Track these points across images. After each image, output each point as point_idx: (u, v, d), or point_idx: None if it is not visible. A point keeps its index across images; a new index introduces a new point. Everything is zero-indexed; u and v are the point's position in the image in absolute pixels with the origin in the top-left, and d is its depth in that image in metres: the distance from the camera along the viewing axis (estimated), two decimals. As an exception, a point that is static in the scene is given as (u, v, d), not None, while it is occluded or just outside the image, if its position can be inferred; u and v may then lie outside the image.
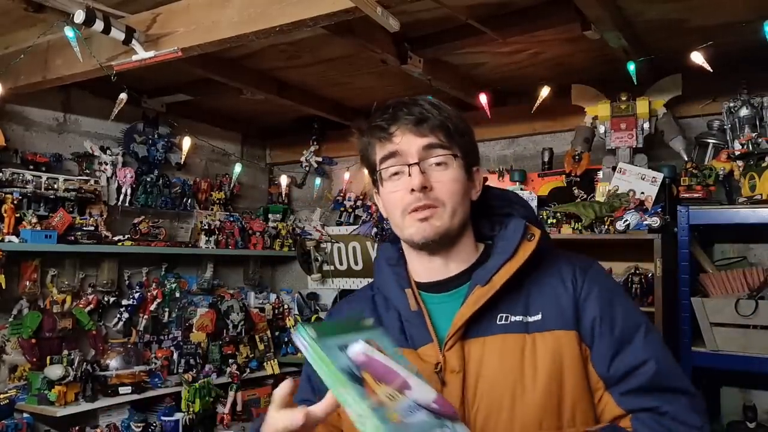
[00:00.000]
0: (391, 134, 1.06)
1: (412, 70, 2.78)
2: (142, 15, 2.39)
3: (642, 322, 1.03)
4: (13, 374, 3.05)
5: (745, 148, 2.50)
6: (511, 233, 1.07)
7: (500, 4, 2.37)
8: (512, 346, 0.99)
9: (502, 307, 1.02)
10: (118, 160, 3.53)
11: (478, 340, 1.01)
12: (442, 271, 1.10)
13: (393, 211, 1.08)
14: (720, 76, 2.45)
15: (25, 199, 3.05)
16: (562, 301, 1.02)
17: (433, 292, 1.09)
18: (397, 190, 1.06)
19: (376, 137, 1.09)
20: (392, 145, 1.06)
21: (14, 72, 2.73)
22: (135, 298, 3.52)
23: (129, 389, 3.16)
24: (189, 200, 3.89)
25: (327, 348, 0.77)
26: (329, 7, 1.93)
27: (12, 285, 3.03)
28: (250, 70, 3.15)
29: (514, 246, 1.05)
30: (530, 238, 1.06)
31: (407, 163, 1.05)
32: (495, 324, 1.01)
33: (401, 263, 1.15)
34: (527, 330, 1.00)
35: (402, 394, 0.79)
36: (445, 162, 1.06)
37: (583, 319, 1.01)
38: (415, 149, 1.05)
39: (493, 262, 1.05)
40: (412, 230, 1.06)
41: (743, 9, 2.29)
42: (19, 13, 2.42)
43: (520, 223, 1.08)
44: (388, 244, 1.19)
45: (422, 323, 1.05)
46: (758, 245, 2.85)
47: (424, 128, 1.05)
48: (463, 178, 1.08)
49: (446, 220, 1.04)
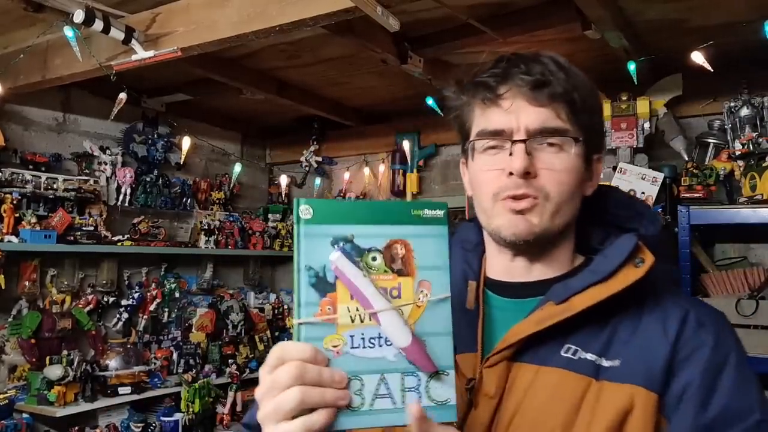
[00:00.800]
0: (499, 96, 0.83)
1: (413, 70, 2.77)
2: (141, 15, 2.38)
3: (756, 417, 0.73)
4: (13, 374, 3.04)
5: (746, 148, 2.50)
6: (613, 251, 0.83)
7: (500, 4, 2.37)
8: (572, 388, 0.77)
9: (573, 338, 0.80)
10: (118, 160, 3.52)
11: (530, 366, 0.80)
12: (521, 274, 0.88)
13: (480, 194, 0.86)
14: (720, 75, 2.45)
15: (25, 199, 3.05)
16: (655, 351, 0.77)
17: (502, 295, 0.89)
18: (490, 168, 0.84)
19: (478, 96, 0.86)
20: (497, 112, 0.84)
21: (14, 72, 2.73)
22: (134, 298, 3.52)
23: (128, 389, 3.15)
24: (189, 200, 3.89)
25: (310, 236, 0.65)
26: (329, 6, 1.92)
27: (11, 285, 3.03)
28: (250, 70, 3.15)
29: (612, 268, 0.81)
30: (638, 263, 0.81)
31: (511, 139, 0.82)
32: (558, 354, 0.79)
33: (478, 249, 0.95)
34: (597, 375, 0.77)
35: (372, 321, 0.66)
36: (560, 145, 0.83)
37: (674, 383, 0.76)
38: (525, 122, 0.82)
39: (579, 279, 0.82)
40: (501, 221, 0.83)
41: (743, 9, 2.28)
42: (18, 13, 2.41)
43: (630, 241, 0.82)
44: (470, 224, 0.97)
45: (472, 325, 0.85)
46: (759, 245, 2.85)
47: (543, 95, 0.82)
48: (580, 167, 0.84)
49: (546, 218, 0.82)
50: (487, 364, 0.81)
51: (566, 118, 0.82)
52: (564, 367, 0.78)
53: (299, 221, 0.65)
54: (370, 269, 0.67)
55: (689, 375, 0.76)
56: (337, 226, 0.66)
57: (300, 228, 0.66)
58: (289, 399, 0.61)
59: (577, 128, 0.83)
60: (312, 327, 0.64)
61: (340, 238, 0.66)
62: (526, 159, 0.81)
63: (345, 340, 0.65)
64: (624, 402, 0.75)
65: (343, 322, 0.65)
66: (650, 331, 0.79)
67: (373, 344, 0.66)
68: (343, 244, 0.66)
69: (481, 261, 0.93)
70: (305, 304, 0.64)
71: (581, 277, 0.82)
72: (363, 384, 0.65)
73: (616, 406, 0.75)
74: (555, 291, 0.83)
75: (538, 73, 0.82)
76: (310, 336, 0.64)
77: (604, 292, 0.79)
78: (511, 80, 0.83)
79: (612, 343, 0.79)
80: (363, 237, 0.67)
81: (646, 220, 0.89)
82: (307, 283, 0.64)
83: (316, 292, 0.65)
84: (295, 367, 0.61)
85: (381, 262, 0.68)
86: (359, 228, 0.67)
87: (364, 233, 0.67)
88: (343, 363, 0.64)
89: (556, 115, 0.82)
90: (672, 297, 0.83)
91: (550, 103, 0.82)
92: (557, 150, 0.82)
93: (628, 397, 0.75)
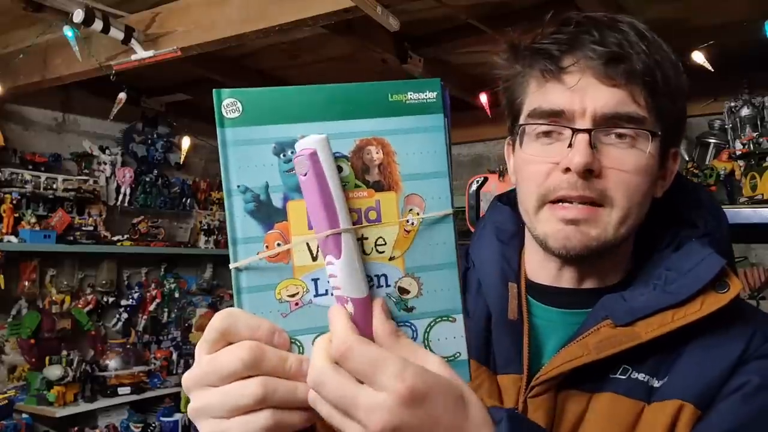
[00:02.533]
0: (562, 69, 0.67)
1: (413, 70, 2.77)
2: (141, 14, 2.38)
3: None
4: (12, 374, 3.04)
5: (747, 148, 2.49)
6: (689, 266, 0.67)
7: (500, 4, 2.36)
8: (623, 416, 0.65)
9: (624, 355, 0.66)
10: (117, 160, 3.52)
11: (581, 395, 0.67)
12: (570, 282, 0.73)
13: (525, 190, 0.71)
14: (721, 75, 2.44)
15: (24, 199, 3.05)
16: (712, 368, 0.65)
17: (546, 303, 0.74)
18: (543, 160, 0.68)
19: (536, 66, 0.69)
20: (558, 89, 0.67)
21: (13, 71, 2.73)
22: (134, 299, 3.52)
23: (128, 390, 3.15)
24: (188, 200, 3.88)
25: (242, 142, 0.47)
26: (329, 6, 1.92)
27: (11, 285, 3.02)
28: (250, 70, 3.14)
29: (693, 291, 0.65)
30: (721, 288, 0.66)
31: (573, 127, 0.66)
32: (608, 377, 0.66)
33: (515, 242, 0.78)
34: (649, 398, 0.65)
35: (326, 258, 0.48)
36: (634, 138, 0.66)
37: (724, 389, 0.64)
38: (594, 105, 0.65)
39: (645, 297, 0.67)
40: (548, 230, 0.68)
41: (744, 9, 2.28)
42: (18, 13, 2.41)
43: (713, 260, 0.66)
44: (504, 207, 0.81)
45: (517, 342, 0.71)
46: (759, 245, 2.85)
47: (618, 72, 0.65)
48: (654, 167, 0.69)
49: (609, 229, 0.67)
50: (531, 394, 0.68)
51: (644, 103, 0.66)
52: (615, 391, 0.66)
53: (223, 123, 0.47)
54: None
55: (736, 383, 0.64)
56: (279, 126, 0.48)
57: (225, 132, 0.47)
58: (245, 392, 0.45)
59: (657, 117, 0.67)
60: (257, 272, 0.47)
61: (286, 144, 0.48)
62: (589, 153, 0.64)
63: (306, 286, 0.48)
64: (669, 420, 0.63)
65: (301, 262, 0.48)
66: (711, 347, 0.66)
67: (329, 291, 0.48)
68: (292, 152, 0.47)
69: (520, 257, 0.77)
70: (243, 241, 0.47)
71: (648, 296, 0.67)
72: None
73: (661, 427, 0.63)
74: (612, 307, 0.67)
75: (615, 44, 0.65)
76: (256, 284, 0.47)
77: (677, 320, 0.64)
78: (579, 50, 0.66)
79: (666, 360, 0.67)
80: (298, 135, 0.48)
81: (710, 215, 0.74)
82: (243, 210, 0.47)
83: (257, 223, 0.47)
84: (247, 349, 0.45)
85: (349, 173, 0.49)
86: (314, 126, 0.48)
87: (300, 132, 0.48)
88: (305, 317, 0.48)
89: (633, 99, 0.65)
90: (739, 310, 0.68)
91: (626, 84, 0.65)
92: (629, 145, 0.66)
93: (673, 413, 0.63)
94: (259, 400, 0.45)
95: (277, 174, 0.48)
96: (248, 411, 0.45)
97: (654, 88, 0.66)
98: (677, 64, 0.70)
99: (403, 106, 0.49)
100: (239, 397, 0.45)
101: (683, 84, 0.71)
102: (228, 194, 0.47)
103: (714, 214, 0.75)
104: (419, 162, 0.49)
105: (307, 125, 0.48)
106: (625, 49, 0.65)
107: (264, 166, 0.47)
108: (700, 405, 0.63)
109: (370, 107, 0.49)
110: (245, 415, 0.45)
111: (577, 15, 0.70)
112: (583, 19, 0.69)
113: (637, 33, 0.67)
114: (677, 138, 0.73)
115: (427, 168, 0.49)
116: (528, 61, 0.70)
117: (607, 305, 0.68)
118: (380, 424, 0.43)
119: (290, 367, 0.46)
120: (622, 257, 0.74)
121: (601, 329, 0.66)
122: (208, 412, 0.46)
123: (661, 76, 0.67)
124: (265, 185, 0.47)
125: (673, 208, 0.75)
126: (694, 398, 0.63)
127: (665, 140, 0.69)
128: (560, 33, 0.69)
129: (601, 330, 0.66)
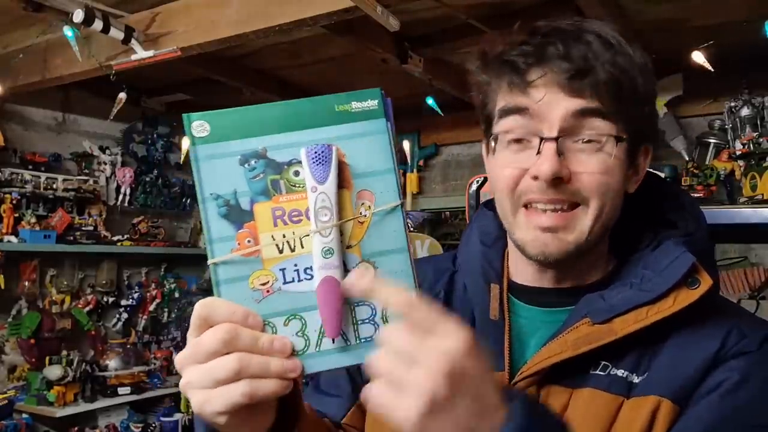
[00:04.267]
0: (528, 83, 0.68)
1: (413, 70, 2.77)
2: (141, 14, 2.38)
3: None
4: (12, 374, 3.04)
5: (747, 148, 2.49)
6: (663, 265, 0.70)
7: (500, 4, 2.36)
8: (602, 410, 0.67)
9: (604, 352, 0.69)
10: (117, 160, 3.53)
11: (563, 391, 0.69)
12: (551, 282, 0.76)
13: (499, 194, 0.74)
14: (721, 75, 2.44)
15: (24, 198, 3.05)
16: (690, 364, 0.67)
17: (528, 302, 0.77)
18: (513, 166, 0.71)
19: (504, 78, 0.71)
20: (524, 99, 0.69)
21: (13, 71, 2.73)
22: (134, 299, 3.52)
23: (128, 390, 3.15)
24: (188, 200, 3.89)
25: (211, 157, 0.55)
26: (329, 6, 1.92)
27: (11, 285, 3.02)
28: (250, 70, 3.14)
29: (664, 288, 0.68)
30: (693, 285, 0.68)
31: (540, 135, 0.68)
32: (589, 373, 0.69)
33: (498, 245, 0.81)
34: (628, 393, 0.68)
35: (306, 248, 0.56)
36: (601, 143, 0.68)
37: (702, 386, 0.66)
38: (559, 115, 0.67)
39: (622, 296, 0.69)
40: (525, 237, 0.71)
41: (743, 9, 2.28)
42: (18, 13, 2.41)
43: (685, 258, 0.69)
44: (489, 212, 0.83)
45: (498, 340, 0.74)
46: (759, 245, 2.85)
47: (583, 85, 0.67)
48: (623, 165, 0.71)
49: (585, 229, 0.69)
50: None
51: (610, 110, 0.68)
52: (595, 387, 0.68)
53: (194, 141, 0.55)
54: (294, 187, 0.55)
55: (716, 379, 0.66)
56: (243, 140, 0.55)
57: (196, 149, 0.55)
58: (224, 367, 0.52)
59: (624, 121, 0.69)
60: (231, 266, 0.55)
61: (249, 155, 0.55)
62: (556, 161, 0.66)
63: (275, 276, 0.55)
64: (648, 415, 0.66)
65: (269, 255, 0.55)
66: (688, 343, 0.68)
67: (311, 275, 0.55)
68: (255, 162, 0.55)
69: (503, 260, 0.80)
70: (218, 240, 0.55)
71: (624, 294, 0.70)
72: (305, 323, 0.55)
73: (640, 422, 0.65)
74: (592, 306, 0.70)
75: (580, 57, 0.67)
76: (231, 276, 0.55)
77: (651, 316, 0.67)
78: (545, 64, 0.68)
79: (645, 357, 0.69)
80: (278, 149, 0.56)
81: (690, 216, 0.76)
82: (217, 214, 0.55)
83: (229, 224, 0.55)
84: (224, 331, 0.53)
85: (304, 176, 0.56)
86: (272, 139, 0.56)
87: (279, 144, 0.56)
88: (276, 302, 0.55)
89: (598, 107, 0.68)
90: (717, 309, 0.71)
91: (591, 94, 0.67)
92: (596, 149, 0.68)
93: (652, 409, 0.66)
94: (236, 373, 0.52)
95: (244, 181, 0.55)
96: (228, 382, 0.52)
97: (619, 96, 0.68)
98: (645, 67, 0.71)
99: (348, 115, 0.57)
100: (220, 370, 0.52)
101: (652, 87, 0.72)
102: (202, 201, 0.55)
103: (694, 216, 0.77)
104: (367, 161, 0.56)
105: (266, 138, 0.56)
106: (590, 62, 0.67)
107: (231, 175, 0.55)
108: (677, 401, 0.66)
109: (318, 118, 0.56)
110: (226, 385, 0.52)
111: (545, 25, 0.72)
112: (550, 30, 0.71)
113: (603, 42, 0.68)
114: (648, 136, 0.75)
115: (375, 166, 0.56)
116: (496, 72, 0.73)
117: (586, 304, 0.71)
118: (448, 366, 0.48)
119: (263, 344, 0.54)
120: (599, 255, 0.76)
121: (579, 327, 0.69)
122: (196, 385, 0.53)
123: (627, 84, 0.68)
124: (233, 191, 0.55)
125: (656, 211, 0.78)
126: (671, 394, 0.66)
127: (634, 141, 0.72)
128: (527, 44, 0.70)
129: (580, 327, 0.69)
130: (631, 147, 0.72)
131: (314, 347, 0.55)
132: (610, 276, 0.76)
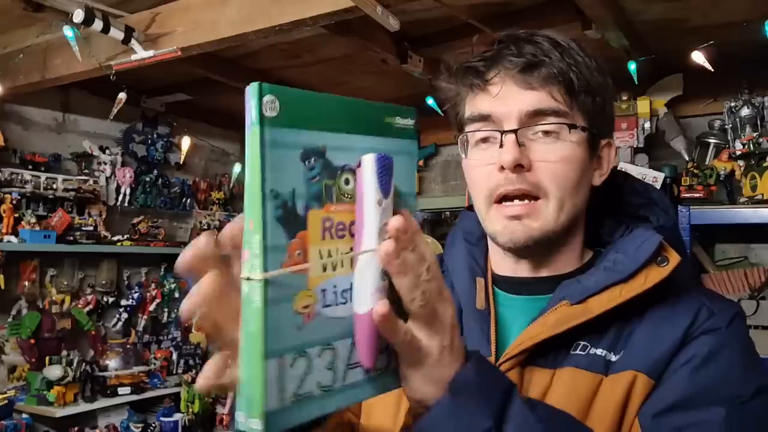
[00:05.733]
0: (487, 82, 0.77)
1: (413, 70, 2.77)
2: (141, 14, 2.38)
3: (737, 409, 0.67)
4: (12, 375, 3.04)
5: (746, 148, 2.49)
6: (633, 247, 0.76)
7: (500, 4, 2.36)
8: (583, 387, 0.72)
9: (583, 333, 0.74)
10: (117, 160, 3.52)
11: (545, 371, 0.74)
12: (529, 272, 0.83)
13: (475, 194, 0.80)
14: (721, 75, 2.44)
15: (24, 199, 3.05)
16: (662, 340, 0.72)
17: (511, 292, 0.83)
18: (482, 163, 0.78)
19: (466, 83, 0.80)
20: (485, 99, 0.77)
21: (13, 71, 2.73)
22: (134, 299, 3.52)
23: (128, 390, 3.15)
24: (188, 200, 3.89)
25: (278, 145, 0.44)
26: (329, 6, 1.92)
27: (11, 285, 3.02)
28: (250, 70, 3.14)
29: (635, 267, 0.74)
30: (662, 262, 0.74)
31: (500, 129, 0.75)
32: (569, 353, 0.74)
33: (481, 244, 0.87)
34: (607, 371, 0.72)
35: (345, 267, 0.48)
36: (557, 132, 0.75)
37: (674, 361, 0.71)
38: (516, 109, 0.75)
39: (596, 278, 0.75)
40: (496, 227, 0.78)
41: (743, 9, 2.28)
42: (17, 13, 2.41)
43: (652, 239, 0.76)
44: (472, 214, 0.88)
45: (484, 328, 0.79)
46: (759, 245, 2.85)
47: (534, 78, 0.75)
48: (582, 156, 0.77)
49: (549, 218, 0.75)
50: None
51: (562, 100, 0.75)
52: (576, 366, 0.73)
53: (263, 121, 0.43)
54: (343, 196, 0.48)
55: (687, 354, 0.70)
56: (308, 131, 0.46)
57: (264, 132, 0.43)
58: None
59: (577, 112, 0.76)
60: (278, 283, 0.44)
61: (311, 151, 0.46)
62: (517, 150, 0.73)
63: (316, 298, 0.46)
64: (624, 389, 0.70)
65: (315, 273, 0.46)
66: (661, 322, 0.74)
67: (345, 299, 0.48)
68: (314, 161, 0.46)
69: (486, 256, 0.86)
70: (272, 249, 0.43)
71: (598, 275, 0.75)
72: (336, 353, 0.48)
73: (618, 397, 0.70)
74: (568, 288, 0.76)
75: (530, 53, 0.75)
76: (277, 297, 0.44)
77: (624, 294, 0.72)
78: (500, 63, 0.76)
79: (621, 336, 0.74)
80: (335, 150, 0.47)
81: (659, 209, 0.83)
82: (274, 217, 0.44)
83: (284, 231, 0.44)
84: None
85: (353, 186, 0.49)
86: (331, 137, 0.47)
87: (336, 145, 0.47)
88: (315, 329, 0.46)
89: (551, 97, 0.74)
90: (687, 290, 0.77)
91: (542, 86, 0.74)
92: (553, 139, 0.75)
93: (628, 384, 0.70)
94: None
95: (302, 181, 0.46)
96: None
97: (570, 86, 0.75)
98: (596, 66, 0.78)
99: (391, 129, 0.52)
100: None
101: (603, 82, 0.79)
102: (262, 197, 0.43)
103: (665, 210, 0.84)
104: (399, 181, 0.50)
105: (327, 134, 0.47)
106: (539, 57, 0.75)
107: (293, 172, 0.45)
108: (652, 374, 0.70)
109: (370, 125, 0.50)
110: None
111: (503, 35, 0.80)
112: (505, 38, 0.79)
113: (552, 43, 0.76)
114: (606, 130, 0.82)
115: (403, 188, 0.51)
116: (461, 79, 0.81)
117: (564, 288, 0.77)
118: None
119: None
120: (574, 247, 0.82)
121: (558, 309, 0.75)
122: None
123: (577, 76, 0.75)
124: (292, 192, 0.45)
125: (628, 207, 0.85)
126: (646, 368, 0.71)
127: (592, 132, 0.78)
128: (486, 51, 0.79)
129: (559, 309, 0.75)
130: (591, 138, 0.78)
131: (340, 381, 0.48)
132: (586, 266, 0.82)
